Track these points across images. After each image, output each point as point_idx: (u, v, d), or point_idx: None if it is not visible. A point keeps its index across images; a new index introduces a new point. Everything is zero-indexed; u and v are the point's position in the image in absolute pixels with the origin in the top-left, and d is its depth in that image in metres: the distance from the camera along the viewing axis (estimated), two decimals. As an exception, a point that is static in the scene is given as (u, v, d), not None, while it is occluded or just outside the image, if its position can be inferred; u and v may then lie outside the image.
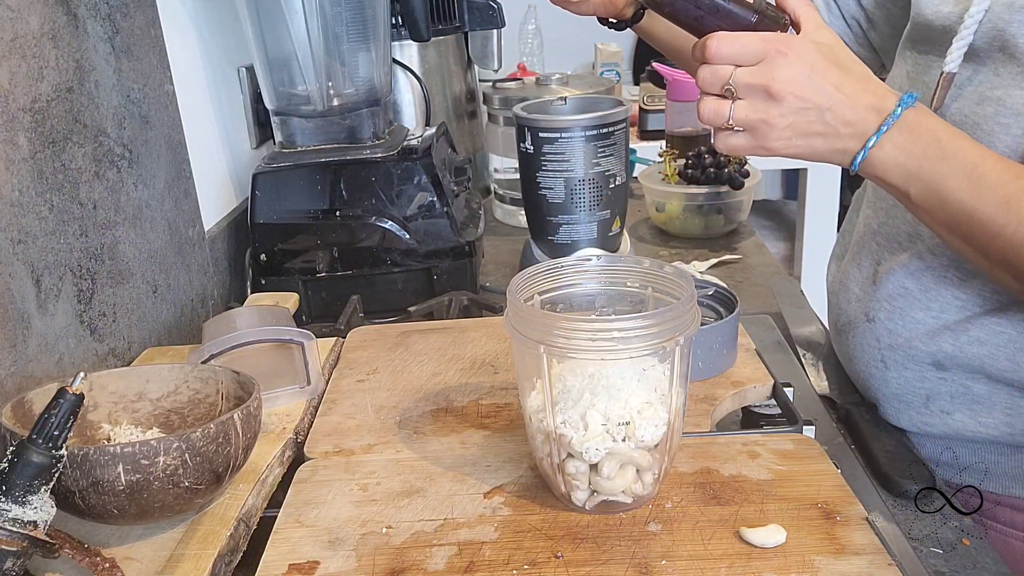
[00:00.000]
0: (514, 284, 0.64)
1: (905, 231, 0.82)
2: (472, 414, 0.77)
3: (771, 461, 0.67)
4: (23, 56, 0.75)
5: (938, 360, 0.80)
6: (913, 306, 0.81)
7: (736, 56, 0.67)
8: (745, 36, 0.67)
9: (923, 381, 0.81)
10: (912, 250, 0.81)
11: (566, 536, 0.60)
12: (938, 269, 0.79)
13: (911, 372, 0.82)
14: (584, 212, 1.08)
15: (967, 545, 0.66)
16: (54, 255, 0.77)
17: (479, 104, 1.63)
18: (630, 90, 2.67)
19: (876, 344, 0.84)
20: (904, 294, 0.81)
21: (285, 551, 0.61)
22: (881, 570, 0.56)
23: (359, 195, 1.11)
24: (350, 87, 1.18)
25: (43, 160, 0.77)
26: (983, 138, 0.73)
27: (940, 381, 0.80)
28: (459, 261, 1.13)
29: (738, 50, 0.67)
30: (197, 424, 0.68)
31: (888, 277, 0.83)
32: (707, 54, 0.68)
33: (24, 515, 0.52)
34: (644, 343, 0.58)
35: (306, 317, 1.13)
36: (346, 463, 0.71)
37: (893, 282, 0.82)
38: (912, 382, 0.82)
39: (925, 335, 0.80)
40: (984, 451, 0.81)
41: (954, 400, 0.80)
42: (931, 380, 0.81)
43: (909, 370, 0.82)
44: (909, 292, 0.81)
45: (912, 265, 0.81)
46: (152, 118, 0.98)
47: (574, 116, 1.06)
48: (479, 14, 1.51)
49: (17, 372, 0.71)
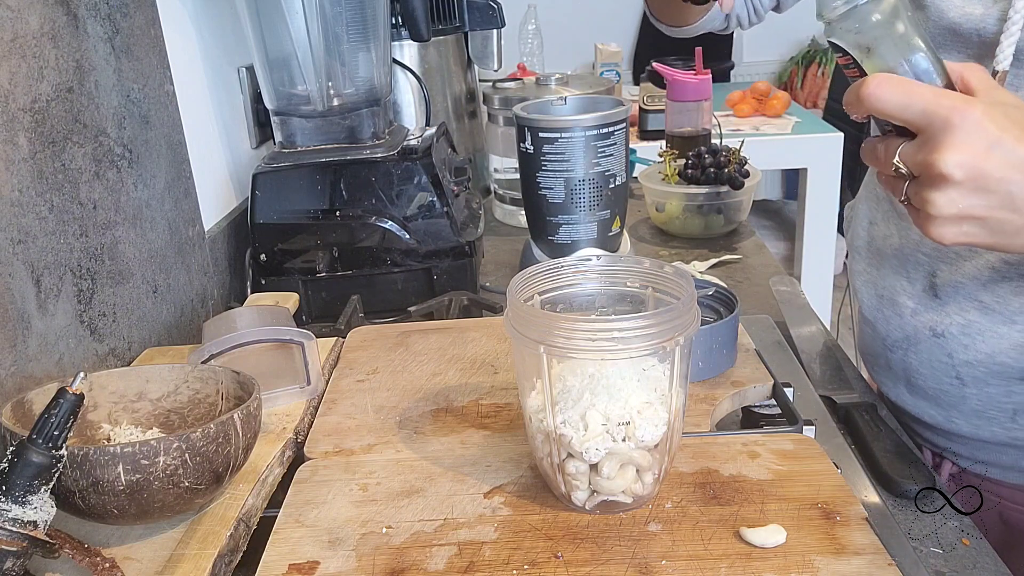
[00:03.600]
0: (514, 284, 0.64)
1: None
2: (472, 414, 0.77)
3: (771, 461, 0.67)
4: (23, 56, 0.75)
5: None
6: (994, 320, 0.77)
7: (896, 107, 0.57)
8: (916, 87, 0.57)
9: (1010, 396, 0.78)
10: (976, 261, 0.77)
11: (566, 536, 0.60)
12: (1016, 279, 0.75)
13: (995, 388, 0.78)
14: (584, 212, 1.08)
15: (967, 545, 0.66)
16: (54, 255, 0.77)
17: (479, 104, 1.63)
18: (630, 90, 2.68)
19: (948, 360, 0.80)
20: (980, 308, 0.77)
21: (285, 551, 0.61)
22: (881, 570, 0.56)
23: (359, 195, 1.12)
24: (350, 87, 1.18)
25: (43, 160, 0.77)
26: None
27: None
28: (459, 261, 1.13)
29: (901, 100, 0.56)
30: (197, 424, 0.68)
31: (955, 290, 0.79)
32: (862, 91, 0.58)
33: (24, 515, 0.52)
34: (644, 343, 0.58)
35: (306, 317, 1.13)
36: (346, 463, 0.71)
37: (964, 295, 0.78)
38: (996, 397, 0.78)
39: (1012, 349, 0.76)
40: None
41: None
42: (1020, 394, 0.77)
43: (992, 386, 0.78)
44: (986, 306, 0.77)
45: (983, 276, 0.77)
46: (152, 118, 0.98)
47: (574, 116, 1.06)
48: (479, 14, 1.51)
49: (17, 372, 0.71)
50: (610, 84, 1.51)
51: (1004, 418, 0.79)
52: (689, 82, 1.60)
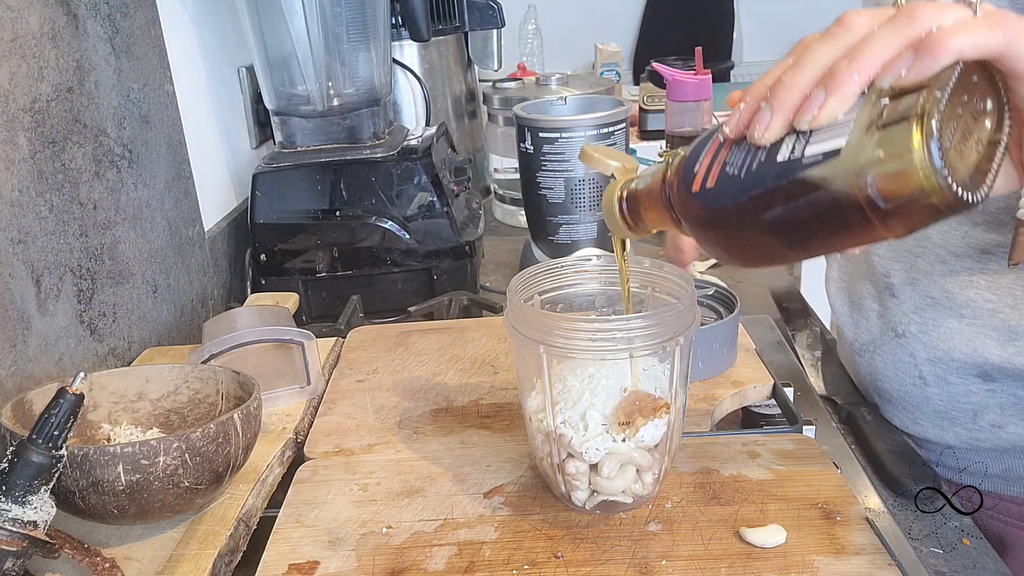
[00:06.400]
0: (514, 284, 0.64)
1: (912, 238, 0.78)
2: (472, 414, 0.77)
3: (771, 461, 0.67)
4: (23, 56, 0.75)
5: (984, 371, 0.76)
6: (945, 315, 0.77)
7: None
8: None
9: (968, 395, 0.78)
10: (927, 256, 0.78)
11: (566, 536, 0.60)
12: (962, 272, 0.75)
13: (955, 387, 0.78)
14: (584, 212, 1.08)
15: (967, 545, 0.66)
16: (54, 255, 0.77)
17: (479, 104, 1.63)
18: (630, 90, 2.67)
19: (911, 359, 0.80)
20: (933, 304, 0.78)
21: (285, 551, 0.61)
22: (881, 570, 0.55)
23: (359, 195, 1.12)
24: (350, 87, 1.18)
25: (43, 160, 0.77)
26: None
27: (988, 393, 0.77)
28: (459, 261, 1.13)
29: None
30: (197, 424, 0.68)
31: (911, 288, 0.79)
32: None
33: (24, 515, 0.52)
34: (644, 343, 0.58)
35: (306, 317, 1.13)
36: (346, 463, 0.71)
37: (919, 292, 0.78)
38: (956, 397, 0.78)
39: (964, 344, 0.76)
40: None
41: (1005, 412, 0.76)
42: (978, 393, 0.77)
43: (952, 384, 0.78)
44: (937, 301, 0.77)
45: (935, 271, 0.77)
46: (152, 118, 0.98)
47: (574, 116, 1.06)
48: (479, 14, 1.51)
49: (17, 372, 0.71)
50: (610, 84, 1.51)
51: (966, 419, 0.79)
52: (689, 82, 1.60)
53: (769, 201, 0.45)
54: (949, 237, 0.77)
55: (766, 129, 0.45)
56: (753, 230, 0.46)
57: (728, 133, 0.48)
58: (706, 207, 0.48)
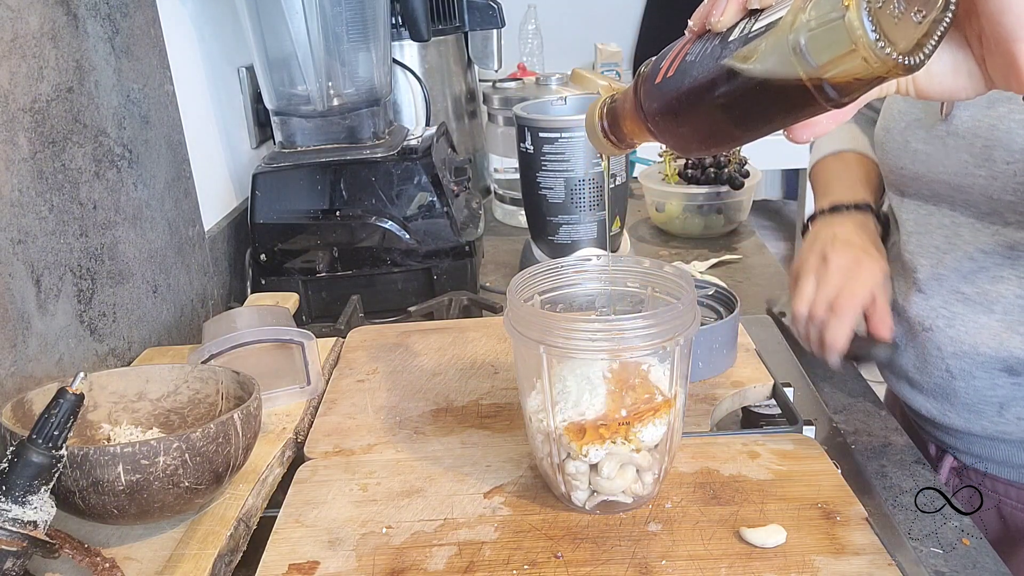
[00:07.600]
0: (514, 284, 0.64)
1: (942, 235, 0.80)
2: (472, 414, 0.77)
3: (771, 461, 0.67)
4: (23, 56, 0.75)
5: (1010, 365, 0.77)
6: (975, 310, 0.78)
7: None
8: None
9: (994, 388, 0.79)
10: (955, 253, 0.79)
11: (566, 536, 0.60)
12: (991, 268, 0.77)
13: (981, 380, 0.79)
14: (584, 212, 1.08)
15: (967, 545, 0.66)
16: (54, 255, 0.77)
17: (479, 104, 1.63)
18: (630, 90, 2.67)
19: (939, 353, 0.82)
20: (962, 299, 0.79)
21: (285, 551, 0.61)
22: (881, 570, 0.55)
23: (359, 195, 1.12)
24: (350, 87, 1.18)
25: (43, 160, 0.77)
26: (1002, 138, 0.72)
27: (1014, 387, 0.78)
28: (459, 261, 1.13)
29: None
30: (197, 424, 0.68)
31: (938, 283, 0.80)
32: None
33: (24, 515, 0.52)
34: (644, 343, 0.58)
35: (306, 317, 1.13)
36: (346, 463, 0.71)
37: (947, 288, 0.80)
38: (983, 390, 0.80)
39: (992, 339, 0.77)
40: None
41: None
42: (1004, 387, 0.79)
43: (978, 378, 0.79)
44: (967, 297, 0.78)
45: (964, 268, 0.78)
46: (152, 118, 0.98)
47: (574, 116, 1.06)
48: (479, 14, 1.51)
49: (17, 372, 0.71)
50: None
51: (992, 412, 0.80)
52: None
53: (718, 79, 0.46)
54: (979, 235, 0.78)
55: (722, 13, 0.46)
56: (705, 110, 0.47)
57: (691, 26, 0.49)
58: (664, 94, 0.50)
